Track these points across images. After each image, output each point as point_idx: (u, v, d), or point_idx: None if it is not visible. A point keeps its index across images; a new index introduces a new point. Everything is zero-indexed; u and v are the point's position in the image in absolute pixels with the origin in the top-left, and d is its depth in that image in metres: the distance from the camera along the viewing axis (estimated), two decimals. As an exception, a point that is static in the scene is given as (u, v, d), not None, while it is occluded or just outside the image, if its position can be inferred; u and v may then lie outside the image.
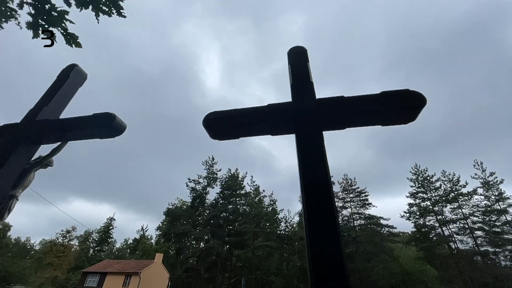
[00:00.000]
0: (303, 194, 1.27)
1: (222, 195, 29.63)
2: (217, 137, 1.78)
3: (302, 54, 2.02)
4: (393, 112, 1.55)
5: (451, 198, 28.21)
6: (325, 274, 0.99)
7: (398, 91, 1.56)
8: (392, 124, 1.63)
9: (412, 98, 1.51)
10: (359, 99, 1.59)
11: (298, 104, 1.67)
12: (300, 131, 1.53)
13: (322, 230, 1.12)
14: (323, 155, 1.38)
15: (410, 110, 1.51)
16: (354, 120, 1.61)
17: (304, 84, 1.79)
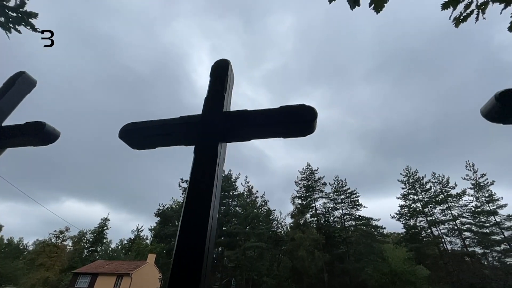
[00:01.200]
0: (184, 204, 1.34)
1: (215, 196, 29.52)
2: (135, 147, 1.85)
3: (222, 68, 2.10)
4: (291, 125, 1.63)
5: (441, 199, 28.54)
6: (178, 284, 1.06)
7: (294, 105, 1.65)
8: (292, 136, 1.72)
9: (306, 112, 1.60)
10: (262, 113, 1.68)
11: (204, 117, 1.76)
12: (199, 143, 1.61)
13: (190, 243, 1.18)
14: (214, 168, 1.45)
15: (305, 123, 1.60)
16: (256, 132, 1.69)
17: (216, 97, 1.87)
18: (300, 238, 23.05)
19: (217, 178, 1.47)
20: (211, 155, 1.54)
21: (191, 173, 1.48)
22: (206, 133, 1.66)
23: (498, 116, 1.64)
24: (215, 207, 1.36)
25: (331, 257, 24.23)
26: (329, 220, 29.30)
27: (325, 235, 25.95)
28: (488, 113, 1.65)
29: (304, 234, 23.50)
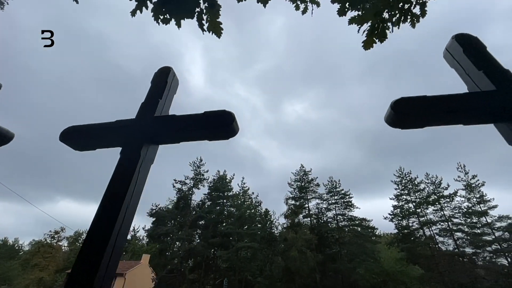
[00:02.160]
0: (100, 204, 1.47)
1: (209, 196, 29.77)
2: (76, 149, 1.99)
3: (162, 75, 2.23)
4: (213, 129, 1.78)
5: (433, 200, 28.80)
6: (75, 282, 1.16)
7: (215, 111, 1.79)
8: (216, 139, 1.87)
9: (225, 116, 1.75)
10: (187, 118, 1.83)
11: (135, 121, 1.89)
12: (125, 145, 1.74)
13: (94, 242, 1.29)
14: (133, 169, 1.58)
15: (225, 127, 1.74)
16: (184, 135, 1.84)
17: (150, 102, 2.01)
18: (292, 238, 23.19)
19: (137, 179, 1.61)
20: (133, 157, 1.68)
21: (112, 173, 1.61)
22: (132, 135, 1.80)
23: (395, 122, 1.80)
24: (130, 208, 1.50)
25: (324, 257, 24.38)
26: (322, 221, 29.46)
27: (318, 236, 26.11)
28: (387, 121, 1.81)
29: (297, 234, 23.64)
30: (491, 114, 1.57)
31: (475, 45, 1.86)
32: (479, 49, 1.83)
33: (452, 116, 1.62)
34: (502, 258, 25.69)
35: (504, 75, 1.63)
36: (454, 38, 1.99)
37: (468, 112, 1.58)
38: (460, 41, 1.93)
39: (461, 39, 1.93)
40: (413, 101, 1.64)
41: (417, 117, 1.65)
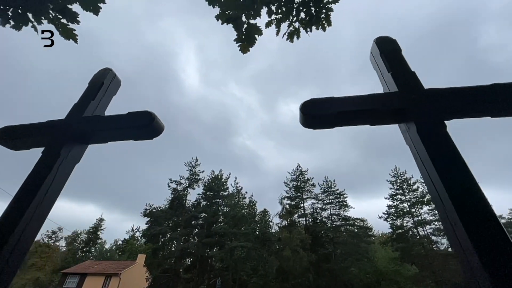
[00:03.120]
0: (14, 196, 1.54)
1: (204, 196, 29.83)
2: (12, 148, 2.06)
3: (99, 77, 2.28)
4: (136, 129, 1.84)
5: (427, 200, 28.86)
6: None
7: (138, 111, 1.85)
8: (141, 139, 1.93)
9: (144, 117, 1.80)
10: (112, 118, 1.89)
11: (63, 121, 1.95)
12: (48, 144, 1.80)
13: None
14: (50, 167, 1.63)
15: (145, 127, 1.80)
16: (109, 135, 1.89)
17: (81, 103, 2.06)
18: (286, 238, 23.26)
19: (54, 178, 1.66)
20: (52, 156, 1.73)
21: (31, 170, 1.67)
22: (55, 135, 1.85)
23: (305, 123, 1.86)
24: (43, 204, 1.56)
25: (317, 257, 24.45)
26: (316, 221, 29.53)
27: (312, 235, 26.16)
28: (300, 122, 1.88)
29: (291, 234, 23.71)
30: (392, 115, 1.63)
31: (391, 48, 1.92)
32: (393, 52, 1.89)
33: (357, 116, 1.68)
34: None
35: (408, 77, 1.69)
36: (374, 41, 2.05)
37: (372, 113, 1.64)
38: (378, 44, 1.98)
39: (380, 42, 1.98)
40: (320, 102, 1.69)
41: (325, 117, 1.71)
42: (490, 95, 1.55)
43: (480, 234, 1.03)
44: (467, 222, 1.07)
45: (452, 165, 1.25)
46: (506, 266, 0.94)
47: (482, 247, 0.99)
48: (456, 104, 1.55)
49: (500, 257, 0.96)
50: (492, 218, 1.06)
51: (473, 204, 1.10)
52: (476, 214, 1.08)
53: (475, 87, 1.59)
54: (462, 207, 1.11)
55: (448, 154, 1.29)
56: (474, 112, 1.60)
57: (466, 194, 1.14)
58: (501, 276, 0.92)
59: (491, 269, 0.96)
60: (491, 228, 1.03)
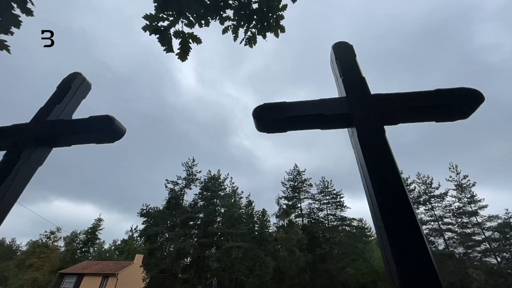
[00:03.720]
0: None
1: (201, 196, 29.87)
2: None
3: (67, 81, 2.33)
4: (97, 133, 1.88)
5: (424, 200, 28.95)
6: None
7: (98, 116, 1.90)
8: (102, 142, 1.97)
9: (103, 120, 1.85)
10: (75, 122, 1.95)
11: (27, 125, 2.00)
12: (9, 148, 1.85)
13: None
14: (8, 172, 1.68)
15: (104, 130, 1.85)
16: (72, 138, 1.94)
17: (47, 106, 2.11)
18: (282, 238, 23.32)
19: (13, 180, 1.71)
20: (11, 159, 1.78)
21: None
22: (16, 139, 1.90)
23: (259, 128, 1.90)
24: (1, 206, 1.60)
25: (314, 257, 24.51)
26: (313, 221, 29.59)
27: (309, 236, 26.22)
28: (255, 127, 1.92)
29: (287, 234, 23.77)
30: (339, 120, 1.68)
31: (346, 54, 1.96)
32: (348, 57, 1.93)
33: (307, 121, 1.73)
34: (492, 257, 25.85)
35: (357, 83, 1.74)
36: (332, 47, 2.10)
37: (320, 118, 1.69)
38: (334, 50, 2.03)
39: (336, 48, 2.03)
40: (271, 108, 1.74)
41: (276, 122, 1.76)
42: (433, 100, 1.60)
43: (399, 239, 1.08)
44: (389, 228, 1.12)
45: (383, 171, 1.30)
46: (414, 265, 1.00)
47: (400, 254, 1.05)
48: (400, 109, 1.60)
49: (410, 254, 1.03)
50: (413, 224, 1.11)
51: (398, 211, 1.15)
52: (399, 221, 1.13)
53: (419, 93, 1.64)
54: (387, 213, 1.16)
55: (381, 160, 1.34)
56: (419, 117, 1.65)
57: (392, 200, 1.19)
58: (407, 270, 1.00)
59: (402, 268, 1.02)
60: (411, 235, 1.08)
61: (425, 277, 0.99)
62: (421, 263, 1.02)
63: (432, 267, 1.00)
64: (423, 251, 1.04)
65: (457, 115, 1.60)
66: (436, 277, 0.98)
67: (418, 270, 1.00)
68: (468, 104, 1.55)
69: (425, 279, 0.98)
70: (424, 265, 1.01)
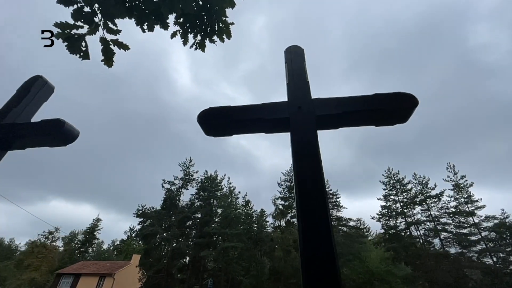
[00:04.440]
0: None
1: (198, 197, 29.91)
2: None
3: (28, 82, 2.35)
4: (50, 136, 1.91)
5: (420, 200, 28.99)
6: None
7: (50, 119, 1.93)
8: (55, 145, 2.00)
9: (53, 124, 1.88)
10: (27, 125, 1.97)
11: None
12: None
13: None
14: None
15: (57, 134, 1.87)
16: (25, 142, 1.97)
17: (3, 110, 2.14)
18: (278, 238, 23.34)
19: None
20: None
21: None
22: None
23: (205, 132, 1.92)
24: None
25: (310, 257, 24.34)
26: (309, 221, 29.50)
27: (305, 236, 26.11)
28: (203, 131, 1.94)
29: (283, 234, 23.79)
30: (279, 124, 1.70)
31: (294, 58, 1.99)
32: (295, 61, 1.96)
33: (250, 125, 1.76)
34: (488, 257, 25.88)
35: (300, 88, 1.76)
36: (284, 51, 2.12)
37: (262, 122, 1.71)
38: (285, 54, 2.06)
39: (286, 52, 2.06)
40: (216, 112, 1.77)
41: (222, 126, 1.79)
42: (371, 104, 1.62)
43: (309, 240, 1.12)
44: (304, 228, 1.16)
45: (307, 175, 1.33)
46: (315, 266, 1.03)
47: (307, 247, 1.08)
48: (338, 113, 1.62)
49: (314, 255, 1.06)
50: (324, 228, 1.14)
51: (314, 214, 1.18)
52: (313, 222, 1.16)
53: (358, 97, 1.66)
54: (303, 215, 1.19)
55: (308, 163, 1.37)
56: (358, 121, 1.68)
57: (311, 205, 1.22)
58: (310, 272, 1.03)
59: (305, 265, 1.06)
60: (318, 234, 1.12)
61: (327, 279, 1.01)
62: (325, 266, 1.05)
63: (336, 272, 1.02)
64: (328, 255, 1.06)
65: (395, 119, 1.63)
66: (338, 283, 1.00)
67: (321, 272, 1.03)
68: (403, 108, 1.57)
69: (326, 281, 1.01)
70: (327, 269, 1.04)
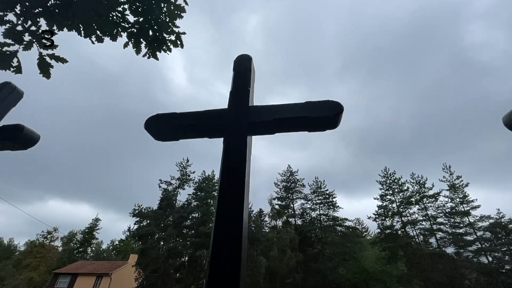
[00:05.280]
0: None
1: (195, 197, 30.05)
2: None
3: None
4: (10, 141, 2.02)
5: (416, 200, 29.12)
6: None
7: (10, 125, 2.04)
8: (16, 149, 2.11)
9: (13, 130, 1.98)
10: None
11: None
12: None
13: None
14: None
15: (16, 139, 1.98)
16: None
17: None
18: (273, 237, 23.46)
19: None
20: None
21: None
22: None
23: (154, 137, 2.00)
24: None
25: (305, 257, 24.69)
26: (306, 221, 29.78)
27: (301, 235, 26.40)
28: (152, 137, 2.01)
29: (279, 234, 23.91)
30: (218, 130, 1.81)
31: (240, 67, 2.10)
32: (241, 70, 2.06)
33: (193, 130, 1.87)
34: (483, 257, 26.00)
35: (240, 95, 1.87)
36: (234, 60, 2.24)
37: (203, 128, 1.83)
38: (234, 63, 2.17)
39: (235, 61, 2.17)
40: (161, 118, 1.88)
41: (166, 132, 1.89)
42: (302, 112, 1.73)
43: (219, 241, 1.22)
44: (217, 229, 1.26)
45: (230, 179, 1.43)
46: (219, 271, 1.14)
47: (214, 252, 1.19)
48: (271, 120, 1.73)
49: (219, 262, 1.16)
50: (237, 233, 1.23)
51: (227, 219, 1.28)
52: (226, 226, 1.26)
53: (291, 105, 1.77)
54: (219, 217, 1.29)
55: (233, 169, 1.47)
56: (290, 127, 1.79)
57: (227, 208, 1.31)
58: (213, 273, 1.13)
59: (211, 270, 1.16)
60: (232, 243, 1.21)
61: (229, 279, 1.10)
62: (229, 269, 1.12)
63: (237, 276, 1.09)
64: (235, 259, 1.13)
65: (325, 125, 1.74)
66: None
67: (225, 276, 1.11)
68: (331, 115, 1.69)
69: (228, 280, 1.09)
70: (231, 271, 1.11)
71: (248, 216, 20.64)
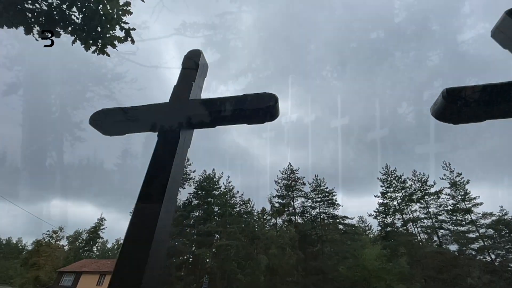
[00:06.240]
0: None
1: (195, 196, 30.23)
2: None
3: None
4: None
5: (417, 198, 28.86)
6: None
7: None
8: None
9: None
10: None
11: None
12: None
13: None
14: None
15: None
16: None
17: None
18: (273, 236, 23.51)
19: None
20: None
21: None
22: None
23: (103, 132, 2.06)
24: None
25: (305, 255, 24.68)
26: (306, 219, 29.74)
27: (301, 233, 26.39)
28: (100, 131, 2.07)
29: (278, 232, 23.95)
30: (157, 123, 1.86)
31: (187, 61, 2.14)
32: (188, 65, 2.11)
33: (134, 124, 1.92)
34: (486, 254, 25.69)
35: (181, 90, 1.92)
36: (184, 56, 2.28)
37: (143, 122, 1.87)
38: (183, 59, 2.22)
39: (184, 57, 2.21)
40: (106, 113, 1.93)
41: (115, 126, 1.95)
42: (240, 104, 1.77)
43: (133, 227, 1.25)
44: (130, 226, 1.28)
45: (155, 170, 1.47)
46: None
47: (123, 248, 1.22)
48: (211, 113, 1.77)
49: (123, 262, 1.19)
50: (150, 232, 1.24)
51: (144, 209, 1.30)
52: (138, 230, 1.26)
53: (230, 97, 1.81)
54: (135, 213, 1.32)
55: (159, 164, 1.51)
56: (231, 119, 1.83)
57: (147, 199, 1.35)
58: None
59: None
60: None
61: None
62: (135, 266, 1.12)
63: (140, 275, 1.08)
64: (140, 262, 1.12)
65: (262, 117, 1.76)
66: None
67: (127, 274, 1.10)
68: (267, 107, 1.71)
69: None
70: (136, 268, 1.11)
71: (172, 219, 20.29)
